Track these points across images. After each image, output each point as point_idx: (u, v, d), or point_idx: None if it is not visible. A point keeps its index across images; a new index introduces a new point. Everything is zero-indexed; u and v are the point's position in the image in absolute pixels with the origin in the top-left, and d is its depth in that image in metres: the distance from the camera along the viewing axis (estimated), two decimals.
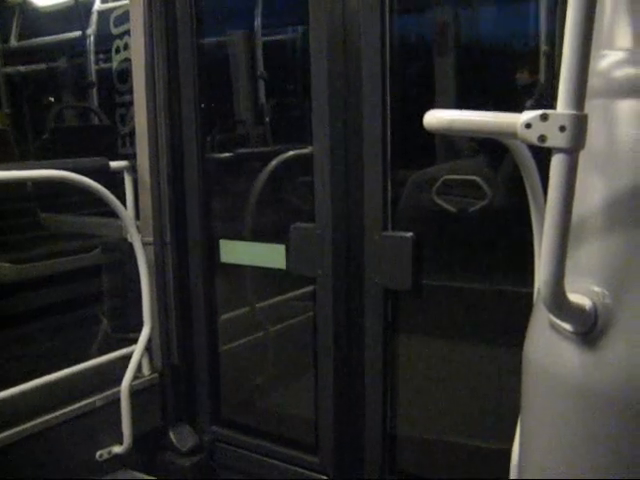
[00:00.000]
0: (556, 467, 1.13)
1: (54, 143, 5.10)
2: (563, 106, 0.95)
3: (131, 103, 3.05)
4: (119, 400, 2.74)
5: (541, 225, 1.32)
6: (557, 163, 0.96)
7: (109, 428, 2.74)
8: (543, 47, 2.20)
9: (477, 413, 2.45)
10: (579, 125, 0.94)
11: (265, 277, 2.96)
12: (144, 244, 2.83)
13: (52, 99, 6.59)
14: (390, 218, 2.39)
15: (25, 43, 6.51)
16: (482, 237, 2.32)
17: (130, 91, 3.16)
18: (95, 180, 2.60)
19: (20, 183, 3.49)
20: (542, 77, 2.21)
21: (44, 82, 6.56)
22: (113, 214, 2.83)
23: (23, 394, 2.47)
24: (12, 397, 2.43)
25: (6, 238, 3.44)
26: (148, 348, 2.90)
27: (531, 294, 1.41)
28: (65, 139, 5.14)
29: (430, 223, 2.44)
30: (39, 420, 2.50)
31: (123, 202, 2.81)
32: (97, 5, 5.88)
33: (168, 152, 2.84)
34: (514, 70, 2.27)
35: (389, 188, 2.37)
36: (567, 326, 1.06)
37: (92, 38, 5.97)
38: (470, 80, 2.44)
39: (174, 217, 2.89)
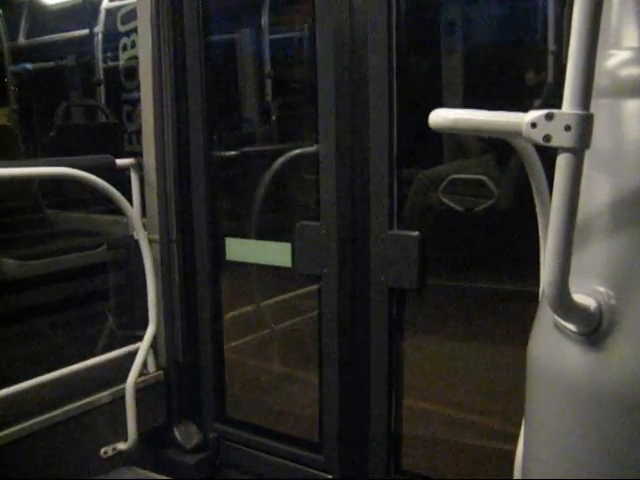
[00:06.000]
0: (560, 467, 1.12)
1: (61, 140, 5.11)
2: (569, 105, 0.94)
3: (138, 100, 3.05)
4: (124, 397, 2.74)
5: (546, 225, 1.32)
6: (562, 163, 0.96)
7: (114, 425, 2.75)
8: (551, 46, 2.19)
9: (482, 412, 2.44)
10: (585, 125, 0.94)
11: (271, 275, 2.96)
12: (150, 241, 2.83)
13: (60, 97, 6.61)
14: (396, 217, 2.39)
15: (33, 41, 6.53)
16: None
17: (137, 88, 3.16)
18: (102, 177, 2.61)
19: (26, 180, 3.50)
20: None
21: (52, 79, 6.58)
22: (119, 211, 2.83)
23: (28, 391, 2.48)
24: (17, 394, 2.44)
25: (12, 235, 3.44)
26: (153, 345, 2.90)
27: None
28: (72, 136, 5.15)
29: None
30: (44, 417, 2.50)
31: (129, 199, 2.81)
32: (105, 3, 5.91)
33: (174, 149, 2.84)
34: (520, 69, 2.27)
35: (395, 186, 2.37)
36: (572, 326, 1.06)
37: (100, 36, 6.00)
38: (477, 79, 2.43)
39: (180, 214, 2.89)
